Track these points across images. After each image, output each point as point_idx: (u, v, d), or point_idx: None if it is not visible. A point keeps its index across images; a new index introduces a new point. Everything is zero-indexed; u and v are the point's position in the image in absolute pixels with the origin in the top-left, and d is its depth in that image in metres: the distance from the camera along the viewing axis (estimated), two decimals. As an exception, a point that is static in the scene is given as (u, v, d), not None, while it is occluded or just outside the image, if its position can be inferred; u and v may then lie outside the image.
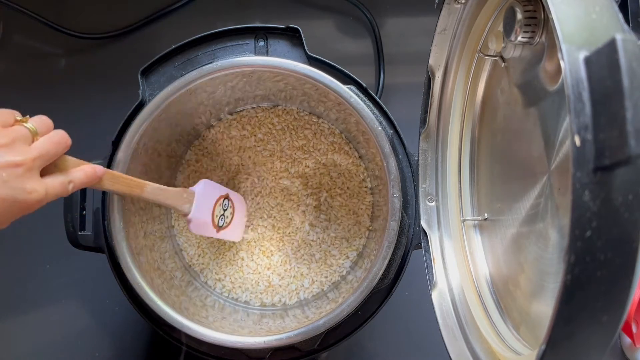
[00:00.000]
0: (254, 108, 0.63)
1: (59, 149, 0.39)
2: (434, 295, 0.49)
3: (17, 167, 0.35)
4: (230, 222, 0.58)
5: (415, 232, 0.52)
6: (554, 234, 0.35)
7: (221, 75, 0.51)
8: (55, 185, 0.38)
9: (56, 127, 0.40)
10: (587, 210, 0.23)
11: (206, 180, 0.55)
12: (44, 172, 0.38)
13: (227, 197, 0.57)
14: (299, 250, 0.61)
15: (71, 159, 0.41)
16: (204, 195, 0.54)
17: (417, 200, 0.52)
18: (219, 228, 0.56)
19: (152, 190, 0.49)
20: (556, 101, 0.35)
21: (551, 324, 0.24)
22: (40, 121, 0.39)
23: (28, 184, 0.35)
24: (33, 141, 0.38)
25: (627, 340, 0.60)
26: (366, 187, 0.62)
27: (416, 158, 0.53)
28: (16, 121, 0.38)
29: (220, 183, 0.62)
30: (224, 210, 0.56)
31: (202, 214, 0.54)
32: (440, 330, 0.46)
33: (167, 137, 0.56)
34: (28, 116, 0.39)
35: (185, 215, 0.52)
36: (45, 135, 0.38)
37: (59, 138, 0.39)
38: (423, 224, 0.52)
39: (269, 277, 0.61)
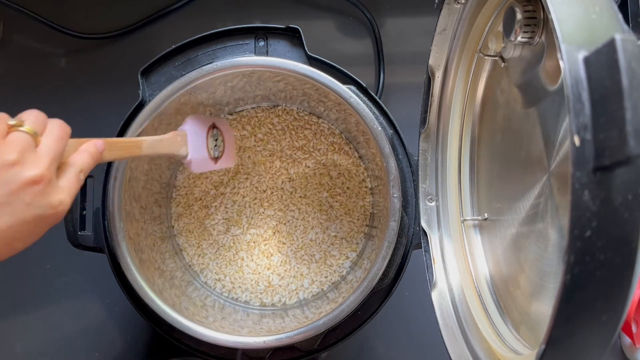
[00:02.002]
0: (254, 108, 0.63)
1: (63, 144, 0.35)
2: (434, 295, 0.49)
3: (36, 184, 0.32)
4: (223, 150, 0.57)
5: (415, 232, 0.52)
6: (554, 234, 0.35)
7: (221, 75, 0.51)
8: (72, 183, 0.35)
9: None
10: (586, 210, 0.23)
11: (191, 115, 0.53)
12: None
13: (214, 126, 0.56)
14: (298, 251, 0.61)
15: (69, 142, 0.37)
16: (194, 132, 0.52)
17: (417, 200, 0.52)
18: (216, 159, 0.55)
19: (150, 144, 0.46)
20: (556, 101, 0.35)
21: (551, 324, 0.24)
22: (35, 119, 0.34)
23: (52, 197, 0.33)
24: (36, 144, 0.33)
25: (627, 340, 0.60)
26: (366, 187, 0.62)
27: (416, 158, 0.53)
28: (10, 127, 0.33)
29: (219, 183, 0.62)
30: (215, 140, 0.55)
31: (199, 151, 0.52)
32: (440, 330, 0.46)
33: (167, 137, 0.56)
34: (21, 118, 0.34)
35: (185, 157, 0.51)
36: (46, 135, 0.34)
37: (61, 132, 0.35)
38: (423, 224, 0.52)
39: (268, 277, 0.61)
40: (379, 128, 0.50)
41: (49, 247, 0.65)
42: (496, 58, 0.44)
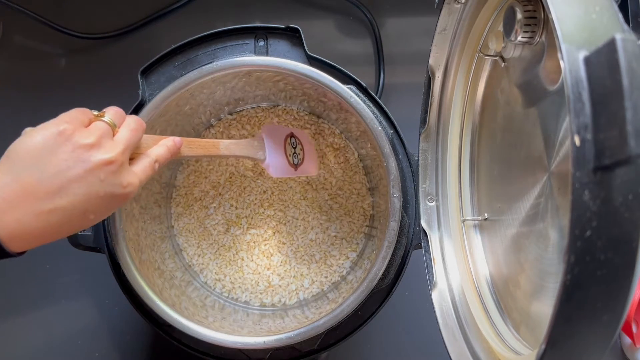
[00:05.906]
0: (253, 108, 0.63)
1: (138, 135, 0.40)
2: (434, 295, 0.49)
3: (110, 164, 0.36)
4: (302, 158, 0.59)
5: (415, 232, 0.52)
6: (554, 234, 0.35)
7: (221, 75, 0.51)
8: (145, 170, 0.40)
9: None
10: (587, 210, 0.23)
11: (267, 125, 0.56)
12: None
13: (292, 135, 0.58)
14: (298, 251, 0.61)
15: (148, 137, 0.42)
16: (271, 138, 0.55)
17: (417, 200, 0.52)
18: (295, 166, 0.57)
19: (226, 146, 0.50)
20: (556, 101, 0.35)
21: (551, 324, 0.24)
22: (114, 113, 0.40)
23: (123, 178, 0.37)
24: (114, 134, 0.38)
25: (627, 340, 0.60)
26: (366, 187, 0.62)
27: (416, 158, 0.53)
28: (94, 117, 0.38)
29: (218, 183, 0.62)
30: (294, 148, 0.58)
31: (277, 156, 0.55)
32: (440, 330, 0.46)
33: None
34: (104, 111, 0.39)
35: (263, 161, 0.54)
36: (123, 126, 0.39)
37: (136, 125, 0.40)
38: (423, 224, 0.52)
39: (268, 277, 0.61)
40: (379, 128, 0.50)
41: (48, 247, 0.65)
42: (496, 58, 0.44)
